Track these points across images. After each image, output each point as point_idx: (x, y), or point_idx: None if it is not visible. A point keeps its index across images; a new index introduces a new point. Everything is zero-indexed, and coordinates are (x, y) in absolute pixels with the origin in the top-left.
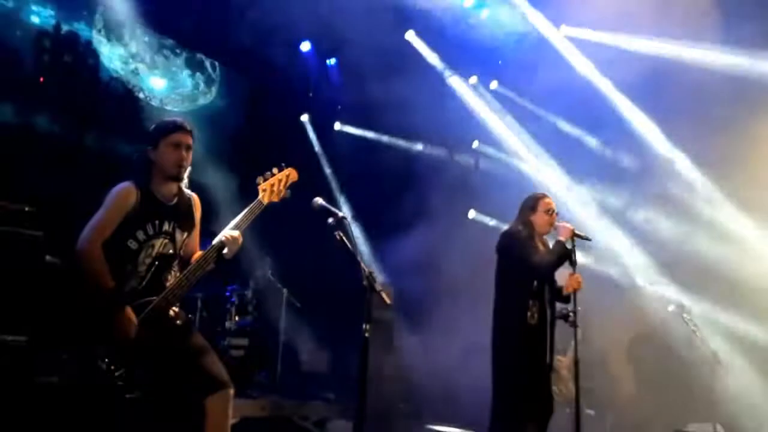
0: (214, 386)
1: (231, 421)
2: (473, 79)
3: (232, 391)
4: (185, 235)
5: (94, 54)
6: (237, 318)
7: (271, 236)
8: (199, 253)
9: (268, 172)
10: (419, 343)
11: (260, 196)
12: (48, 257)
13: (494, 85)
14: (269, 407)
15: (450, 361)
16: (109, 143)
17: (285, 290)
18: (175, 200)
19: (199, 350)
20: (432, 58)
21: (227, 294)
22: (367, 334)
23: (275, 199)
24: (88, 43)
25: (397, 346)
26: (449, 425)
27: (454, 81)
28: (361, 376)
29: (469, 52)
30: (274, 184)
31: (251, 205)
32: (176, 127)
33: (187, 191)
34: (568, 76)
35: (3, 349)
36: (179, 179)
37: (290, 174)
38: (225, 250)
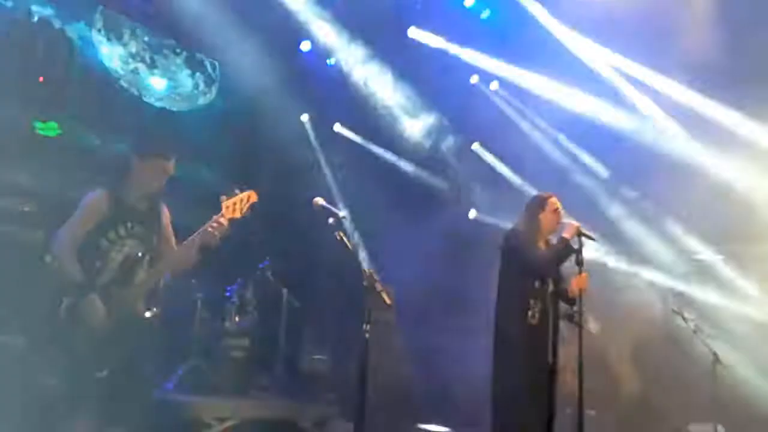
0: None
1: None
2: (474, 78)
3: None
4: (155, 238)
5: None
6: (237, 318)
7: (272, 236)
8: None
9: (231, 191)
10: (419, 343)
11: (223, 211)
12: (48, 257)
13: (494, 85)
14: (269, 408)
15: (451, 361)
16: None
17: (285, 290)
18: (146, 206)
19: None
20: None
21: (227, 294)
22: (367, 335)
23: (237, 216)
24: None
25: (397, 347)
26: (450, 426)
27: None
28: (361, 376)
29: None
30: (236, 203)
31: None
32: (171, 157)
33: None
34: None
35: (3, 350)
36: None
37: (251, 196)
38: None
